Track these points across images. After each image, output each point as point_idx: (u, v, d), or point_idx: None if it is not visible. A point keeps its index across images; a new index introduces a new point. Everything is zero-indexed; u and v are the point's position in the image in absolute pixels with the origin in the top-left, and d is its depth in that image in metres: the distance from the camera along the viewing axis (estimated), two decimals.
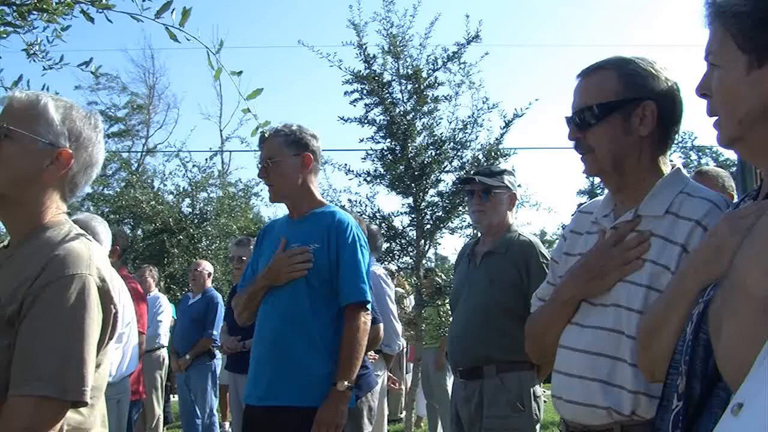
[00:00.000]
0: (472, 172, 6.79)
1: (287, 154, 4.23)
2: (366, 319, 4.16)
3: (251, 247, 7.89)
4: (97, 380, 2.33)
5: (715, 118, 1.85)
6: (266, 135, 4.22)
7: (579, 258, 2.65)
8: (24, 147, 2.33)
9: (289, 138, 4.26)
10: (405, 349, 11.50)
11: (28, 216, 2.38)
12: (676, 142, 2.71)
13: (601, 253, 2.53)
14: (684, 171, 2.61)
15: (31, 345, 2.13)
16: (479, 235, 5.40)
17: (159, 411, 9.91)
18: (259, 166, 4.33)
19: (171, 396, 12.74)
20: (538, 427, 4.80)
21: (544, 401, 4.92)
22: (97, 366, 2.31)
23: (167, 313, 10.51)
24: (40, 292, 2.16)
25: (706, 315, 1.61)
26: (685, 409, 1.61)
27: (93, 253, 2.30)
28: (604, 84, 2.54)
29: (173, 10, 3.14)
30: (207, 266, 9.76)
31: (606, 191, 2.75)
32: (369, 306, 4.20)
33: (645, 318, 2.07)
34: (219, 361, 9.44)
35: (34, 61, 3.83)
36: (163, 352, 10.10)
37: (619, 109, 2.50)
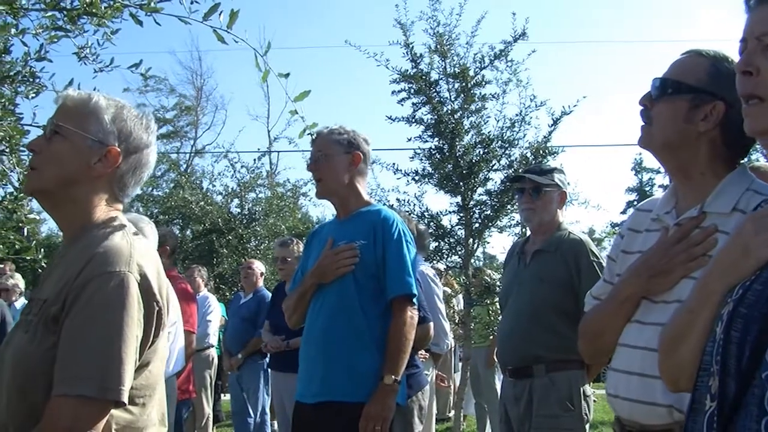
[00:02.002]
0: (521, 170, 6.75)
1: (338, 150, 4.30)
2: (412, 313, 4.19)
3: (294, 247, 7.96)
4: (148, 379, 2.33)
5: (754, 99, 1.78)
6: (316, 133, 4.31)
7: (638, 256, 2.61)
8: (73, 144, 2.37)
9: (342, 137, 4.33)
10: (454, 348, 11.48)
11: (78, 214, 2.40)
12: None
13: (665, 249, 2.48)
14: (749, 170, 2.56)
15: (70, 344, 2.14)
16: (528, 233, 5.38)
17: (208, 410, 9.97)
18: (310, 160, 4.38)
19: (221, 395, 12.81)
20: (587, 426, 4.77)
21: (594, 400, 4.89)
22: (146, 364, 2.31)
23: (216, 313, 10.57)
24: (79, 290, 2.17)
25: (737, 313, 1.59)
26: (720, 408, 1.58)
27: (134, 250, 2.29)
28: (692, 67, 2.50)
29: (221, 12, 3.16)
30: (259, 266, 9.77)
31: (668, 189, 2.71)
32: (415, 300, 4.24)
33: (667, 326, 2.01)
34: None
35: (85, 64, 3.87)
36: (213, 352, 10.16)
37: (690, 95, 2.45)
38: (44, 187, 2.39)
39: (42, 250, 4.13)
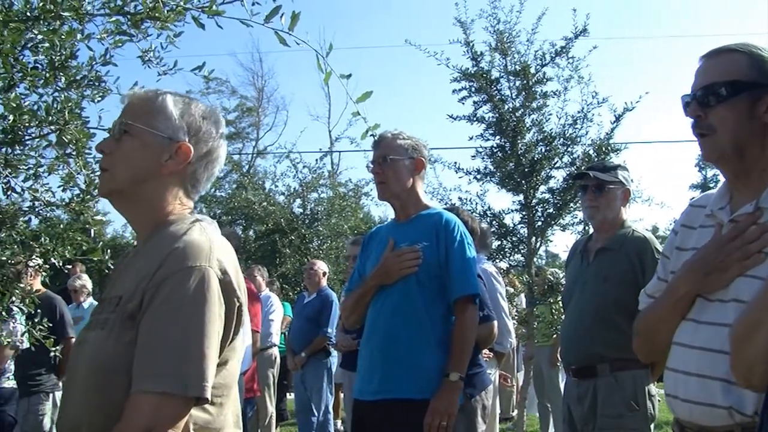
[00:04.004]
0: (585, 168, 6.70)
1: (403, 155, 4.38)
2: (475, 313, 4.28)
3: None
4: (225, 378, 2.28)
5: None
6: (379, 136, 4.37)
7: (693, 252, 2.57)
8: (143, 142, 2.34)
9: (406, 142, 4.42)
10: (516, 347, 11.44)
11: (151, 212, 2.37)
12: None
13: (720, 246, 2.43)
14: None
15: (151, 340, 2.09)
16: (591, 231, 5.33)
17: (271, 408, 10.05)
18: (372, 163, 4.46)
19: (287, 394, 12.89)
20: (652, 426, 4.71)
21: (659, 400, 4.83)
22: (225, 363, 2.26)
23: (278, 312, 10.66)
24: (159, 286, 2.12)
25: None
26: None
27: (214, 245, 2.24)
28: (734, 65, 2.44)
29: (282, 14, 3.16)
30: (321, 266, 9.82)
31: (719, 184, 2.66)
32: (477, 300, 4.31)
33: (737, 322, 1.98)
34: (335, 359, 9.52)
35: (149, 67, 3.91)
36: (275, 351, 10.25)
37: (748, 92, 2.40)
38: (118, 188, 2.36)
39: (108, 251, 4.19)
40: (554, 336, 9.71)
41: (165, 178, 2.37)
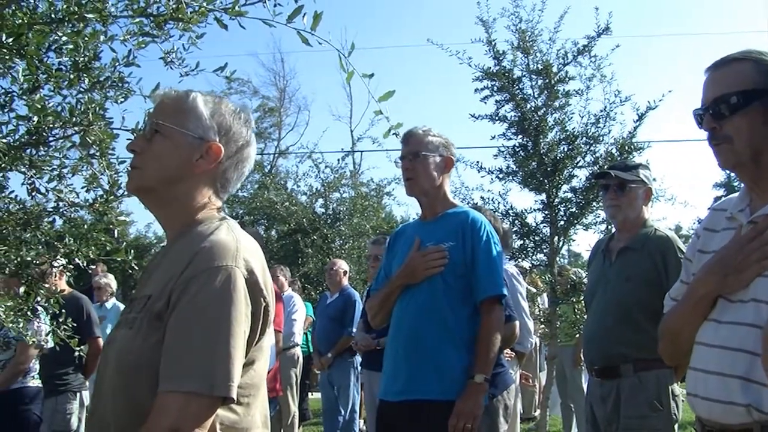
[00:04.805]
0: (606, 167, 6.68)
1: (435, 152, 4.38)
2: (501, 314, 4.27)
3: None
4: (253, 378, 2.27)
5: None
6: (408, 132, 4.37)
7: (714, 254, 2.57)
8: (174, 141, 2.35)
9: (437, 139, 4.41)
10: (539, 347, 11.41)
11: (181, 211, 2.38)
12: None
13: (739, 247, 2.44)
14: None
15: (177, 340, 2.08)
16: (613, 230, 5.32)
17: (294, 408, 10.06)
18: (402, 159, 4.45)
19: (309, 393, 12.89)
20: (676, 426, 4.69)
21: (683, 400, 4.81)
22: (252, 363, 2.26)
23: (301, 312, 10.65)
24: (185, 285, 2.12)
25: None
26: None
27: (241, 245, 2.24)
28: (742, 74, 2.46)
29: (304, 14, 3.17)
30: (342, 265, 9.83)
31: (742, 188, 2.66)
32: (503, 300, 4.30)
33: None
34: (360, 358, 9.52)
35: (171, 68, 3.91)
36: (298, 351, 10.25)
37: (759, 99, 2.41)
38: (147, 185, 2.37)
39: (131, 251, 4.21)
40: (577, 336, 9.69)
41: (196, 178, 2.39)
